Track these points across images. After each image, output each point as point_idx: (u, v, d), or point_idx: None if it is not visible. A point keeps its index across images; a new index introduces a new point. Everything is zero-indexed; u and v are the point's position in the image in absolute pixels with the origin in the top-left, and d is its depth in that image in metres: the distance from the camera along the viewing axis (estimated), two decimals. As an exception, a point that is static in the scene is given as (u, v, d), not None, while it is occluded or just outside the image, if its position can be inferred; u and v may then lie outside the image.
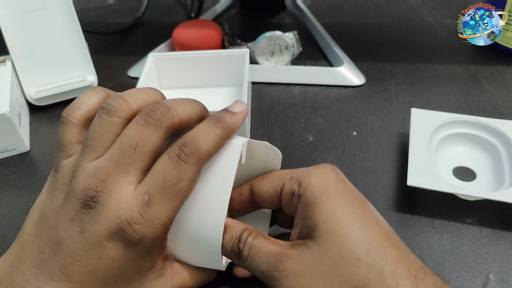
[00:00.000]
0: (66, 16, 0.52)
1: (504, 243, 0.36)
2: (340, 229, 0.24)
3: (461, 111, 0.50)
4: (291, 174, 0.27)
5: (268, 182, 0.28)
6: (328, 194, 0.25)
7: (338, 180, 0.26)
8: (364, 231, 0.24)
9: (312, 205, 0.25)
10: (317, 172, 0.26)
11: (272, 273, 0.24)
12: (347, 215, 0.24)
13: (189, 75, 0.55)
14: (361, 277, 0.22)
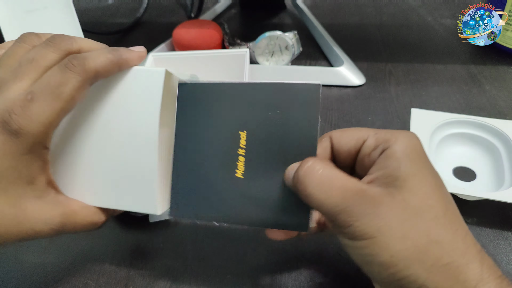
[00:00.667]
0: (66, 16, 0.52)
1: (504, 243, 0.36)
2: (425, 187, 0.24)
3: (461, 111, 0.50)
4: (375, 131, 0.27)
5: (349, 135, 0.28)
6: (416, 156, 0.25)
7: (423, 149, 0.27)
8: (442, 198, 0.25)
9: (400, 159, 0.25)
10: (405, 134, 0.26)
11: (349, 208, 0.24)
12: (431, 179, 0.25)
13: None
14: (438, 233, 0.23)
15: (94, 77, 0.27)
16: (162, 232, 0.38)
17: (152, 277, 0.35)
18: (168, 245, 0.37)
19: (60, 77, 0.26)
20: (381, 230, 0.23)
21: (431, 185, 0.25)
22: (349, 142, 0.28)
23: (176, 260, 0.36)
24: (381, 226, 0.23)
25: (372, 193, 0.24)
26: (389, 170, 0.25)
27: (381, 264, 0.23)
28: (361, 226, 0.24)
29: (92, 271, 0.35)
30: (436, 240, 0.23)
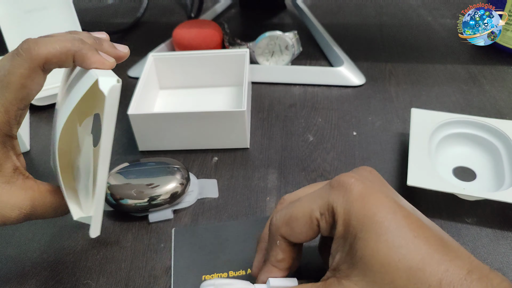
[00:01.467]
0: (66, 16, 0.52)
1: (504, 243, 0.36)
2: (383, 266, 0.22)
3: (461, 111, 0.50)
4: (319, 208, 0.25)
5: (299, 225, 0.25)
6: (361, 223, 0.23)
7: (372, 190, 0.24)
8: (410, 254, 0.22)
9: (346, 239, 0.23)
10: (342, 196, 0.24)
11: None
12: (384, 245, 0.22)
13: (189, 75, 0.55)
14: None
15: (45, 63, 0.26)
16: (162, 232, 0.38)
17: (152, 277, 0.35)
18: (168, 245, 0.37)
19: (9, 65, 0.26)
20: None
21: (387, 256, 0.22)
22: (304, 235, 0.26)
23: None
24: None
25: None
26: (340, 254, 0.24)
27: None
28: None
29: (92, 271, 0.35)
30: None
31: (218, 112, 0.44)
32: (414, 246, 0.21)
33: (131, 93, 0.47)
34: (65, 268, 0.36)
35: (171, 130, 0.45)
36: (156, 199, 0.38)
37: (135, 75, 0.60)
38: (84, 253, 0.37)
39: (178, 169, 0.41)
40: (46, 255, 0.37)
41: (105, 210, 0.40)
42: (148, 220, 0.39)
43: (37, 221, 0.40)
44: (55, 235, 0.38)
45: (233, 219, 0.39)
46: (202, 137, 0.46)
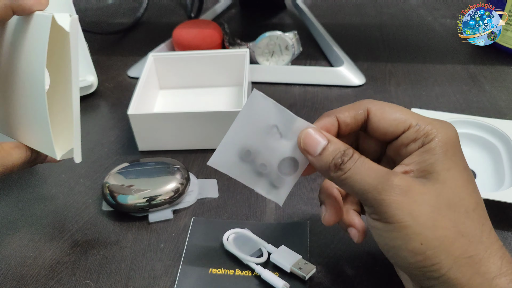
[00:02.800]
0: (66, 16, 0.52)
1: (504, 243, 0.36)
2: (458, 181, 0.25)
3: (461, 111, 0.50)
4: (418, 120, 0.27)
5: (391, 119, 0.28)
6: (453, 151, 0.26)
7: (459, 144, 0.27)
8: (473, 193, 0.26)
9: (437, 155, 0.26)
10: (445, 128, 0.27)
11: (379, 186, 0.25)
12: (465, 174, 0.26)
13: (189, 75, 0.55)
14: (466, 227, 0.24)
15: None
16: (162, 232, 0.38)
17: (152, 277, 0.35)
18: (168, 245, 0.37)
19: None
20: (413, 215, 0.24)
21: (463, 181, 0.26)
22: (389, 127, 0.28)
23: (176, 260, 0.36)
24: (413, 211, 0.24)
25: (405, 178, 0.25)
26: (425, 164, 0.26)
27: (409, 250, 0.24)
28: (391, 206, 0.24)
29: (92, 271, 0.35)
30: (464, 233, 0.24)
31: (218, 112, 0.44)
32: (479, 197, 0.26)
33: (131, 93, 0.47)
34: (65, 268, 0.36)
35: (171, 130, 0.45)
36: (156, 199, 0.38)
37: (135, 75, 0.60)
38: (84, 253, 0.37)
39: (178, 169, 0.41)
40: (46, 255, 0.37)
41: (105, 210, 0.40)
42: (148, 220, 0.39)
43: (37, 222, 0.40)
44: (54, 235, 0.38)
45: (233, 219, 0.39)
46: (202, 137, 0.46)
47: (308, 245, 0.36)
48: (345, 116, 0.28)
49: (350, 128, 0.29)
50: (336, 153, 0.27)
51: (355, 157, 0.27)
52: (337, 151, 0.27)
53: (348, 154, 0.27)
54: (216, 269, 0.34)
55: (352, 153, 0.27)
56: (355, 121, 0.28)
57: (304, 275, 0.32)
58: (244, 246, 0.35)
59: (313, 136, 0.28)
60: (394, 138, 0.28)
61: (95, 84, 0.56)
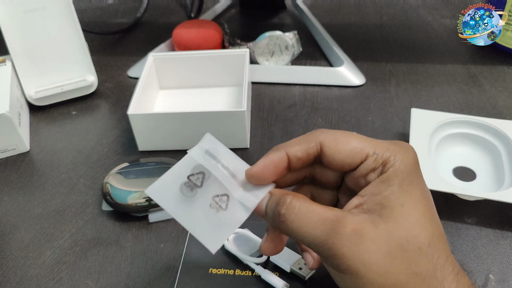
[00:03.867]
0: (66, 16, 0.52)
1: (504, 243, 0.36)
2: (413, 216, 0.24)
3: (461, 111, 0.50)
4: (374, 148, 0.26)
5: (347, 150, 0.26)
6: (409, 180, 0.25)
7: (418, 168, 0.26)
8: (428, 226, 0.25)
9: (393, 186, 0.25)
10: (403, 154, 0.26)
11: (329, 240, 0.24)
12: (421, 205, 0.25)
13: (189, 75, 0.55)
14: (418, 265, 0.24)
15: None
16: (162, 232, 0.38)
17: (152, 277, 0.35)
18: (168, 245, 0.37)
19: None
20: (365, 265, 0.23)
21: (419, 214, 0.24)
22: (345, 157, 0.26)
23: (176, 260, 0.36)
24: (365, 261, 0.23)
25: (354, 222, 0.24)
26: (380, 197, 0.25)
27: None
28: (343, 259, 0.24)
29: (92, 271, 0.35)
30: (418, 272, 0.23)
31: (218, 112, 0.44)
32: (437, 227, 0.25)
33: (131, 93, 0.47)
34: (65, 268, 0.36)
35: (171, 130, 0.45)
36: (156, 199, 0.38)
37: (135, 75, 0.60)
38: (84, 253, 0.37)
39: (178, 169, 0.41)
40: (46, 255, 0.37)
41: (105, 210, 0.40)
42: (148, 220, 0.39)
43: (37, 222, 0.40)
44: (54, 235, 0.38)
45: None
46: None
47: None
48: (296, 150, 0.27)
49: (302, 162, 0.27)
50: (274, 203, 0.26)
51: (294, 205, 0.25)
52: (274, 201, 0.26)
53: (283, 202, 0.25)
54: (216, 269, 0.34)
55: (289, 200, 0.25)
56: (306, 155, 0.27)
57: (304, 275, 0.32)
58: (244, 246, 0.35)
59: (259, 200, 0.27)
60: (352, 169, 0.27)
61: (95, 84, 0.56)
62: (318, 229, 0.24)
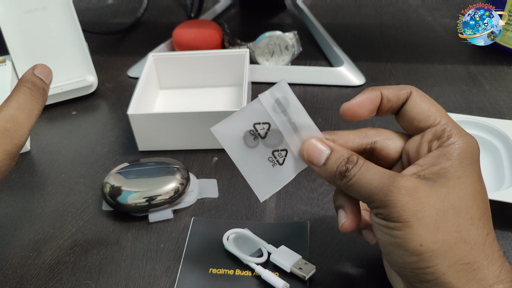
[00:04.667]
0: (66, 16, 0.52)
1: (504, 243, 0.36)
2: (468, 189, 0.25)
3: (461, 111, 0.50)
4: (447, 121, 0.27)
5: (425, 109, 0.28)
6: (470, 161, 0.26)
7: (478, 158, 0.27)
8: (481, 203, 0.25)
9: (453, 161, 0.25)
10: (469, 139, 0.27)
11: (385, 187, 0.25)
12: (476, 185, 0.26)
13: (189, 75, 0.55)
14: (468, 233, 0.24)
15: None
16: (162, 232, 0.38)
17: (152, 277, 0.35)
18: (168, 245, 0.37)
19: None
20: (417, 216, 0.24)
21: (473, 190, 0.25)
22: (421, 113, 0.28)
23: (176, 260, 0.36)
24: (418, 212, 0.24)
25: (411, 180, 0.25)
26: (438, 168, 0.25)
27: (407, 249, 0.24)
28: (396, 207, 0.24)
29: (92, 271, 0.35)
30: (467, 239, 0.24)
31: (218, 112, 0.44)
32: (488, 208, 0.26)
33: (131, 93, 0.47)
34: (65, 268, 0.36)
35: (171, 130, 0.45)
36: (156, 199, 0.38)
37: (135, 75, 0.60)
38: (84, 253, 0.37)
39: (178, 169, 0.41)
40: (46, 255, 0.37)
41: (105, 210, 0.40)
42: (148, 220, 0.39)
43: (37, 222, 0.40)
44: (54, 235, 0.38)
45: (233, 219, 0.39)
46: (202, 137, 0.46)
47: (308, 245, 0.36)
48: (389, 92, 0.28)
49: (390, 105, 0.29)
50: (340, 161, 0.27)
51: (359, 162, 0.27)
52: (340, 159, 0.27)
53: (353, 160, 0.27)
54: (216, 269, 0.34)
55: (356, 159, 0.27)
56: (397, 99, 0.28)
57: (304, 275, 0.32)
58: (244, 246, 0.35)
59: (315, 147, 0.28)
60: (419, 130, 0.28)
61: (95, 84, 0.56)
62: (376, 179, 0.26)
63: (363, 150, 0.29)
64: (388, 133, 0.30)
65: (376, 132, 0.30)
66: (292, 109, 0.29)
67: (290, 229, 0.37)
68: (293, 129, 0.29)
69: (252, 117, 0.29)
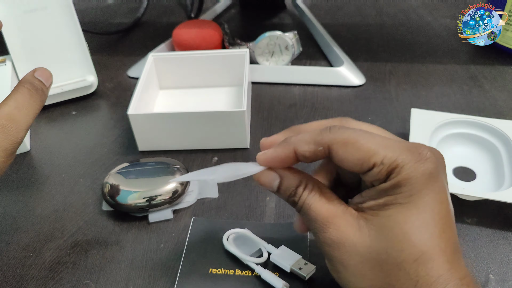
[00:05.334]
0: (66, 16, 0.52)
1: (504, 243, 0.36)
2: (401, 231, 0.24)
3: (461, 111, 0.50)
4: (383, 156, 0.24)
5: (354, 159, 0.25)
6: (417, 191, 0.24)
7: (436, 177, 0.24)
8: (422, 241, 0.24)
9: (391, 196, 0.24)
10: (416, 165, 0.24)
11: (317, 236, 0.27)
12: (421, 220, 0.24)
13: (189, 75, 0.55)
14: (397, 279, 0.24)
15: None
16: (162, 232, 0.38)
17: (152, 277, 0.35)
18: (168, 245, 0.37)
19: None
20: (343, 265, 0.26)
21: (413, 229, 0.24)
22: (352, 165, 0.25)
23: (176, 260, 0.36)
24: (343, 261, 0.26)
25: (338, 229, 0.26)
26: (376, 203, 0.25)
27: (343, 286, 0.27)
28: (326, 255, 0.27)
29: (92, 271, 0.35)
30: (394, 285, 0.24)
31: (218, 112, 0.44)
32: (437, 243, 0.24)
33: (131, 93, 0.47)
34: (65, 268, 0.36)
35: (171, 130, 0.45)
36: (156, 199, 0.38)
37: (135, 75, 0.60)
38: (84, 253, 0.37)
39: (178, 169, 0.41)
40: (46, 255, 0.37)
41: (105, 210, 0.40)
42: (148, 220, 0.39)
43: (37, 221, 0.40)
44: (54, 235, 0.38)
45: (233, 219, 0.39)
46: (202, 137, 0.46)
47: (308, 245, 0.36)
48: (304, 150, 0.27)
49: (311, 160, 0.27)
50: (289, 192, 0.28)
51: (303, 196, 0.27)
52: (289, 189, 0.28)
53: (298, 193, 0.28)
54: (216, 269, 0.34)
55: (302, 191, 0.27)
56: (314, 156, 0.27)
57: (304, 275, 0.32)
58: (244, 246, 0.35)
59: (266, 175, 0.29)
60: (360, 173, 0.26)
61: (95, 84, 0.56)
62: (312, 223, 0.27)
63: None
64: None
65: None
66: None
67: (290, 229, 0.37)
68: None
69: None
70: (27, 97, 0.31)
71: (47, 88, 0.33)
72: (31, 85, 0.32)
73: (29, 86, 0.32)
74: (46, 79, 0.33)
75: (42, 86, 0.33)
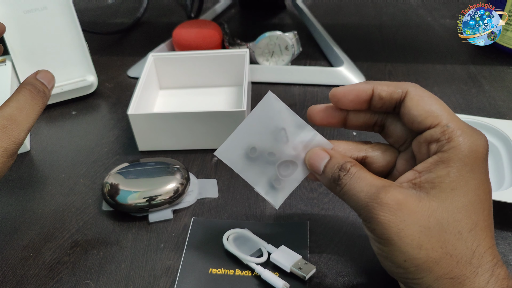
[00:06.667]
0: (66, 16, 0.52)
1: (504, 243, 0.36)
2: (460, 201, 0.25)
3: (460, 111, 0.50)
4: (449, 121, 0.26)
5: (424, 109, 0.27)
6: (471, 165, 0.25)
7: (485, 157, 0.26)
8: (475, 214, 0.25)
9: (450, 168, 0.25)
10: (473, 139, 0.25)
11: (370, 203, 0.25)
12: (473, 194, 0.25)
13: (189, 75, 0.55)
14: (455, 247, 0.24)
15: None
16: (162, 232, 0.38)
17: (152, 277, 0.35)
18: (168, 245, 0.37)
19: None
20: (399, 235, 0.24)
21: (467, 201, 0.25)
22: (418, 115, 0.27)
23: (176, 260, 0.36)
24: (400, 231, 0.24)
25: (398, 192, 0.25)
26: (433, 176, 0.25)
27: (394, 263, 0.25)
28: (379, 224, 0.25)
29: (92, 271, 0.35)
30: (452, 254, 0.24)
31: (218, 112, 0.44)
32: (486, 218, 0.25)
33: (131, 93, 0.47)
34: (65, 268, 0.36)
35: (171, 130, 0.45)
36: (156, 199, 0.38)
37: (135, 75, 0.60)
38: (84, 253, 0.37)
39: (178, 169, 0.41)
40: (46, 255, 0.37)
41: (105, 210, 0.40)
42: (148, 220, 0.39)
43: (37, 221, 0.40)
44: (54, 235, 0.38)
45: (233, 219, 0.39)
46: (202, 137, 0.46)
47: (308, 245, 0.36)
48: (382, 89, 0.28)
49: (382, 103, 0.28)
50: (334, 168, 0.28)
51: (351, 171, 0.27)
52: (335, 166, 0.28)
53: (345, 168, 0.27)
54: (216, 269, 0.34)
55: (349, 167, 0.27)
56: (389, 98, 0.28)
57: (304, 275, 0.32)
58: (244, 246, 0.35)
59: (317, 153, 0.29)
60: (420, 131, 0.27)
61: (95, 84, 0.56)
62: (364, 192, 0.26)
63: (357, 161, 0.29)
64: (382, 146, 0.30)
65: (370, 146, 0.30)
66: (288, 121, 0.30)
67: (290, 229, 0.37)
68: (293, 140, 0.30)
69: (250, 133, 0.30)
70: (28, 99, 0.31)
71: (49, 91, 0.33)
72: (33, 87, 0.32)
73: (31, 88, 0.32)
74: (48, 82, 0.33)
75: (44, 88, 0.33)
